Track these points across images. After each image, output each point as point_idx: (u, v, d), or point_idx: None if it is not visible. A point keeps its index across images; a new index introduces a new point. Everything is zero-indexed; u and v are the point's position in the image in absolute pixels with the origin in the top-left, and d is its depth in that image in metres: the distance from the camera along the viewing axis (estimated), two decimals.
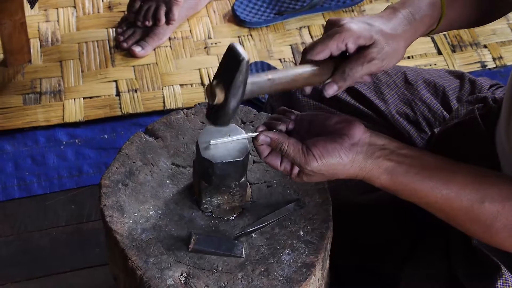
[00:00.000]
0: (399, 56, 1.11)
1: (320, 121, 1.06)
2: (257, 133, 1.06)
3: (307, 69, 1.06)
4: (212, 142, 1.10)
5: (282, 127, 1.06)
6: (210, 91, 1.00)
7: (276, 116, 1.09)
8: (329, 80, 1.08)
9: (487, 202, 1.00)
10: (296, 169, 1.05)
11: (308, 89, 1.10)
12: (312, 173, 1.03)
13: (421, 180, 1.02)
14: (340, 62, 1.08)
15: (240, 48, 0.99)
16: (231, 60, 0.99)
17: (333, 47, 1.06)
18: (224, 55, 1.00)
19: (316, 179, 1.05)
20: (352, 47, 1.07)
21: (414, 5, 1.13)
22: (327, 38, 1.07)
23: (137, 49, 2.13)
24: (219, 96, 0.99)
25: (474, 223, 1.02)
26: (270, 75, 1.03)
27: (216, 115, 1.02)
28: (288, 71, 1.06)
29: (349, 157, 1.02)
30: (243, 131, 1.14)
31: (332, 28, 1.08)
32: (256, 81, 1.02)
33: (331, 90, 1.08)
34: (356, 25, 1.07)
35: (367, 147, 1.03)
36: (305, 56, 1.08)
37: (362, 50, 1.08)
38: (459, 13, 1.18)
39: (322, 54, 1.07)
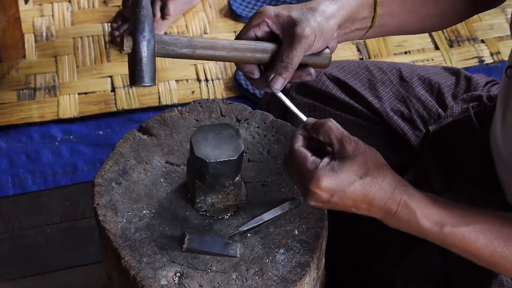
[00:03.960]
0: (330, 33, 1.07)
1: None
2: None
3: (232, 41, 1.06)
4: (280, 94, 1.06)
5: None
6: (120, 42, 1.00)
7: None
8: (272, 75, 1.05)
9: None
10: (326, 159, 0.99)
11: (256, 73, 1.08)
12: (355, 153, 0.98)
13: (470, 213, 1.02)
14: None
15: None
16: (133, 3, 1.00)
17: (256, 28, 1.07)
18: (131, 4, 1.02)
19: (351, 167, 0.98)
20: (274, 27, 1.06)
21: None
22: (249, 21, 1.08)
23: None
24: (128, 39, 0.99)
25: None
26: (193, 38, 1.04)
27: (132, 70, 1.00)
28: (217, 39, 1.06)
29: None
30: (238, 130, 1.13)
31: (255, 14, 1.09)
32: (176, 37, 1.02)
33: (278, 84, 1.05)
34: (276, 8, 1.07)
35: None
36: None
37: (290, 33, 1.06)
38: (402, 7, 1.14)
39: (247, 36, 1.07)
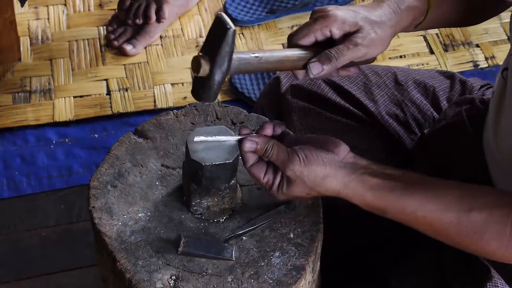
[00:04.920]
0: (385, 44, 1.10)
1: (306, 140, 1.07)
2: (241, 137, 1.05)
3: (294, 52, 1.07)
4: (196, 139, 1.08)
5: (268, 131, 1.06)
6: (195, 63, 0.99)
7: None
8: (314, 60, 1.06)
9: (474, 211, 0.99)
10: (277, 180, 1.04)
11: (300, 76, 1.09)
12: (294, 178, 1.02)
13: (409, 196, 1.01)
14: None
15: (227, 18, 0.98)
16: (217, 31, 0.98)
17: (318, 32, 1.07)
18: (211, 26, 1.00)
19: (296, 189, 1.04)
20: (337, 32, 1.07)
21: None
22: (312, 23, 1.07)
23: (128, 48, 2.12)
24: (205, 67, 0.98)
25: (463, 235, 1.00)
26: (257, 54, 1.03)
27: (201, 88, 1.01)
28: (276, 52, 1.06)
29: (332, 168, 1.02)
30: (233, 133, 1.13)
31: (318, 15, 1.08)
32: (243, 57, 1.02)
33: (315, 70, 1.06)
34: (341, 12, 1.07)
35: (351, 165, 1.03)
36: (291, 40, 1.09)
37: (347, 36, 1.07)
38: (447, 8, 1.17)
39: (307, 39, 1.07)
